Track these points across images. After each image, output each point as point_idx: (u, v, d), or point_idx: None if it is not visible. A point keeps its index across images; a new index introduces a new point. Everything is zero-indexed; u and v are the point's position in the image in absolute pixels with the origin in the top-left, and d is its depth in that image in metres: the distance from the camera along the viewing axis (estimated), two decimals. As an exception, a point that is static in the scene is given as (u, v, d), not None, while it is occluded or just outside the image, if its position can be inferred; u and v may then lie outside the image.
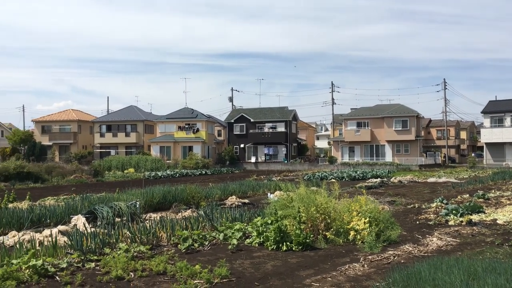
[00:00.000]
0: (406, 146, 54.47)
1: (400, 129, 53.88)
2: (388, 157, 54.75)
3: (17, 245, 7.59)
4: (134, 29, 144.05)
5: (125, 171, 44.08)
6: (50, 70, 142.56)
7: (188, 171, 43.76)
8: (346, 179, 31.23)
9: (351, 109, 64.28)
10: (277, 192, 17.32)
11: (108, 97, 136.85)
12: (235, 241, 8.36)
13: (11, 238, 9.19)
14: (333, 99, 65.58)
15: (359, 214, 8.98)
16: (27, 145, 57.08)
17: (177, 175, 40.20)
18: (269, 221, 8.87)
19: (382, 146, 55.60)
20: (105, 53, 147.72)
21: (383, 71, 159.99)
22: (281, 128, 58.90)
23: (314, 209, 8.78)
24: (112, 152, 58.83)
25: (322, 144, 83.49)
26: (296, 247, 8.15)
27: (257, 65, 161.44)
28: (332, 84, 66.13)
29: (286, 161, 56.76)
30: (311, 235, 8.54)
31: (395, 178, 29.58)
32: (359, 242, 8.55)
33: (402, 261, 7.29)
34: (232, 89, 72.06)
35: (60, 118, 64.03)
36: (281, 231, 8.25)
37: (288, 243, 8.19)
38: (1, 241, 8.61)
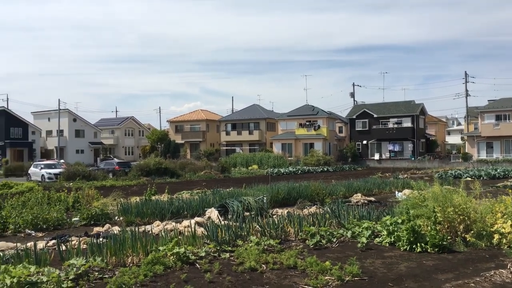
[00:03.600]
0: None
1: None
2: (535, 153, 48.45)
3: (162, 234, 8.38)
4: (258, 30, 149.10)
5: (249, 168, 45.87)
6: (183, 74, 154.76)
7: (310, 168, 43.89)
8: (484, 177, 28.40)
9: (488, 101, 58.33)
10: (406, 191, 16.48)
11: (232, 96, 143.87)
12: (364, 240, 8.14)
13: (155, 227, 10.18)
14: (466, 90, 60.15)
15: (505, 216, 8.11)
16: (163, 143, 62.78)
17: (299, 172, 40.59)
18: (400, 220, 8.47)
19: (527, 141, 49.40)
20: (231, 55, 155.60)
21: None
22: (407, 123, 55.84)
23: (452, 209, 8.15)
24: (237, 149, 61.71)
25: (454, 139, 77.19)
26: (431, 248, 7.65)
27: (381, 58, 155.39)
28: (466, 74, 60.69)
29: (413, 158, 53.70)
30: (448, 237, 7.95)
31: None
32: (505, 247, 7.72)
33: (561, 271, 6.39)
34: (353, 85, 70.48)
35: (191, 118, 69.19)
36: (414, 231, 7.81)
37: (422, 244, 7.73)
38: (148, 230, 9.58)
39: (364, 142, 57.84)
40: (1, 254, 7.00)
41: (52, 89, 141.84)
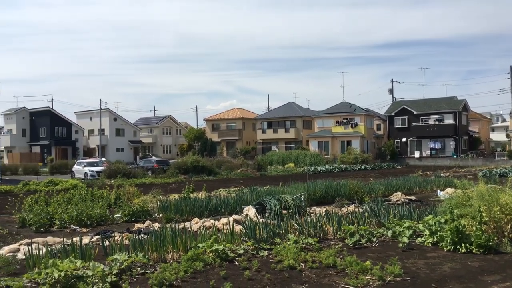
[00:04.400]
0: None
1: None
2: None
3: (201, 231, 8.48)
4: (294, 27, 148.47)
5: (285, 166, 45.77)
6: (219, 73, 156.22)
7: (347, 166, 43.35)
8: (531, 176, 27.13)
9: (535, 95, 55.66)
10: (448, 189, 16.00)
11: (268, 95, 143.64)
12: (405, 239, 7.95)
13: (194, 224, 10.33)
14: None
15: (557, 217, 7.70)
16: (200, 142, 63.67)
17: (336, 170, 40.17)
18: (443, 220, 8.21)
19: None
20: (267, 53, 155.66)
21: None
22: (448, 120, 54.16)
23: (498, 209, 7.83)
24: (273, 147, 61.74)
25: (498, 136, 74.19)
26: (476, 249, 7.38)
27: (421, 53, 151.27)
28: (511, 68, 58.14)
29: (455, 156, 52.03)
30: (494, 237, 7.64)
31: None
32: (558, 250, 7.34)
33: None
34: (392, 81, 68.94)
35: (227, 117, 69.79)
36: (458, 231, 7.55)
37: (467, 245, 7.46)
38: (187, 227, 9.72)
39: (404, 139, 56.54)
40: (49, 248, 7.28)
41: (94, 89, 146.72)
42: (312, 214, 10.75)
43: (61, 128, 65.02)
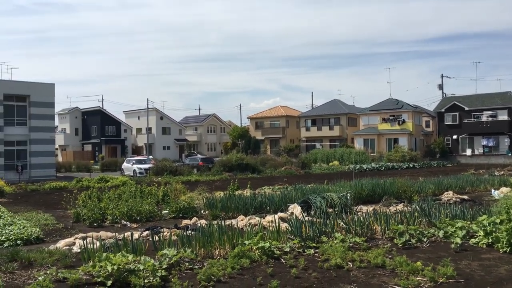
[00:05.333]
0: None
1: None
2: None
3: (247, 228, 8.54)
4: (339, 23, 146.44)
5: (330, 164, 45.26)
6: (263, 71, 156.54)
7: (394, 164, 42.25)
8: None
9: None
10: (503, 188, 15.28)
11: (312, 92, 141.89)
12: (458, 240, 7.65)
13: (240, 221, 10.41)
14: None
15: None
16: (244, 140, 64.12)
17: (383, 168, 39.28)
18: (498, 220, 7.86)
19: None
20: (310, 50, 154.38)
21: None
22: (502, 116, 51.57)
23: (560, 209, 7.38)
24: (317, 145, 61.23)
25: (557, 133, 69.85)
26: (536, 252, 7.00)
27: (474, 46, 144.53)
28: None
29: (509, 154, 49.53)
30: (556, 240, 7.21)
31: None
32: None
33: None
34: (442, 76, 66.68)
35: (271, 115, 69.85)
36: (516, 233, 7.19)
37: (525, 247, 7.09)
38: (233, 224, 9.80)
39: (454, 136, 54.43)
40: (102, 243, 7.56)
41: (141, 89, 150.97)
42: (359, 213, 10.56)
43: (111, 127, 67.45)
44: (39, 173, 32.15)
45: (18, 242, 8.88)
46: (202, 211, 12.83)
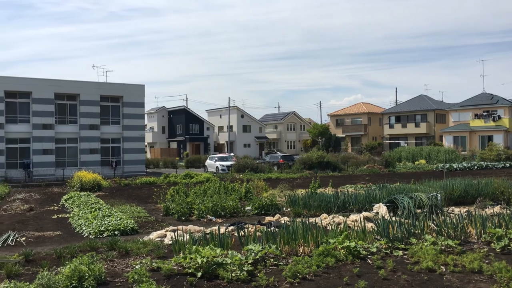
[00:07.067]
0: None
1: None
2: None
3: (331, 227, 8.43)
4: (424, 14, 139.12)
5: (416, 162, 43.23)
6: (344, 67, 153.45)
7: (488, 163, 39.24)
8: None
9: None
10: None
11: (396, 88, 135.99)
12: None
13: (323, 219, 10.31)
14: None
15: None
16: (324, 137, 63.39)
17: (475, 167, 36.70)
18: None
19: None
20: (394, 44, 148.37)
21: None
22: None
23: None
24: (401, 142, 58.76)
25: None
26: None
27: None
28: None
29: None
30: None
31: None
32: None
33: None
34: (542, 67, 60.54)
35: (352, 112, 68.33)
36: None
37: None
38: (316, 222, 9.74)
39: (558, 133, 49.33)
40: (191, 236, 7.90)
41: (222, 88, 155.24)
42: (450, 215, 9.97)
43: (195, 125, 70.23)
44: (131, 169, 34.42)
45: (116, 232, 9.58)
46: (284, 208, 12.89)
